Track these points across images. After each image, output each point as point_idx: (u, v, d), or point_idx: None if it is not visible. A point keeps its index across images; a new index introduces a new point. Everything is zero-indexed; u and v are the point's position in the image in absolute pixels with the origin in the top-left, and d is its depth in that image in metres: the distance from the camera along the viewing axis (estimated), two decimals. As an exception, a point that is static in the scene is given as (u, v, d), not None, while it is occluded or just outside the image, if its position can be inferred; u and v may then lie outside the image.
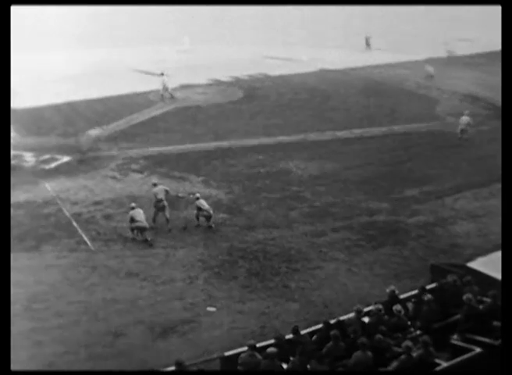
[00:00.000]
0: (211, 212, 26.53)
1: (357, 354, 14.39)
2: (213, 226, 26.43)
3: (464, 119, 37.19)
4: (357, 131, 39.14)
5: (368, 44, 63.95)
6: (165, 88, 46.14)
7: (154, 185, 27.61)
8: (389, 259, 23.98)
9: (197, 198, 26.73)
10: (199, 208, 26.54)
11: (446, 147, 35.39)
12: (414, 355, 14.26)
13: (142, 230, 25.47)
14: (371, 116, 41.05)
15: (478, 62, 53.90)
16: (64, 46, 61.02)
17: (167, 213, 26.78)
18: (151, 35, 65.33)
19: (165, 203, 26.77)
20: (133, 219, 25.43)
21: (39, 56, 57.11)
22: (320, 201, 29.32)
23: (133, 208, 25.72)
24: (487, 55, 58.08)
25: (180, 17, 74.32)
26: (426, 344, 14.45)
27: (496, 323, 15.67)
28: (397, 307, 16.83)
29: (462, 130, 37.14)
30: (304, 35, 62.86)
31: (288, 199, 29.58)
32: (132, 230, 25.60)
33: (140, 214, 25.59)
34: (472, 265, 19.51)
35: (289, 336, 15.95)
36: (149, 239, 25.36)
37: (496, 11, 28.50)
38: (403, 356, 14.24)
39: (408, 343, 14.40)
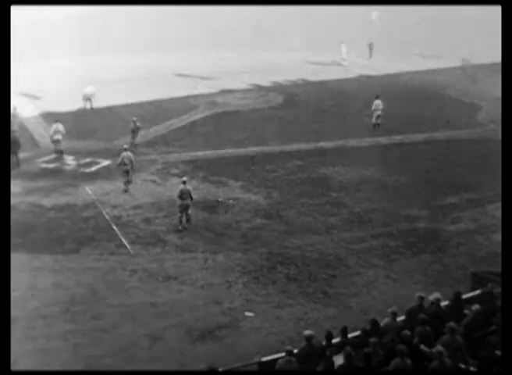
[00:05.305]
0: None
1: (396, 361, 14.23)
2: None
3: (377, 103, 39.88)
4: (398, 138, 38.92)
5: (370, 49, 61.95)
6: (87, 98, 44.85)
7: (125, 150, 30.91)
8: (429, 267, 23.82)
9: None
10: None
11: (487, 154, 34.95)
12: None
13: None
14: (412, 122, 40.75)
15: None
16: (103, 51, 61.48)
17: (130, 177, 30.51)
18: (191, 40, 65.53)
19: (129, 168, 30.33)
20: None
21: (79, 61, 57.56)
22: (359, 207, 29.19)
23: None
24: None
25: (218, 23, 74.44)
26: (453, 331, 14.87)
27: None
28: (436, 295, 16.92)
29: (378, 116, 39.79)
30: (344, 40, 62.46)
31: (327, 205, 29.48)
32: None
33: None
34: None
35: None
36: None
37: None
38: (435, 362, 14.08)
39: (439, 348, 14.24)
